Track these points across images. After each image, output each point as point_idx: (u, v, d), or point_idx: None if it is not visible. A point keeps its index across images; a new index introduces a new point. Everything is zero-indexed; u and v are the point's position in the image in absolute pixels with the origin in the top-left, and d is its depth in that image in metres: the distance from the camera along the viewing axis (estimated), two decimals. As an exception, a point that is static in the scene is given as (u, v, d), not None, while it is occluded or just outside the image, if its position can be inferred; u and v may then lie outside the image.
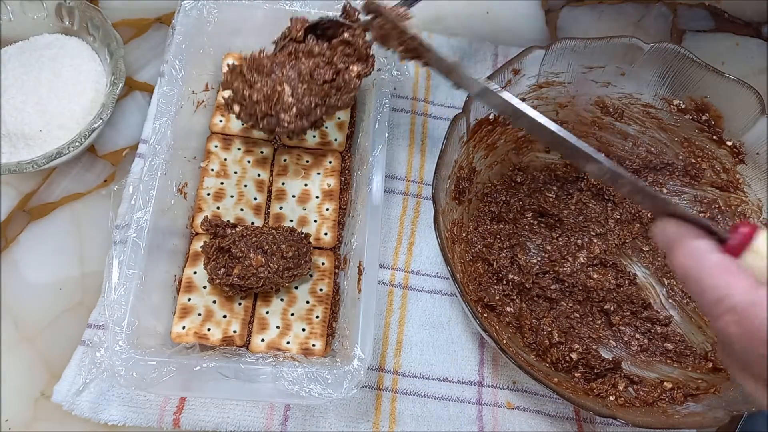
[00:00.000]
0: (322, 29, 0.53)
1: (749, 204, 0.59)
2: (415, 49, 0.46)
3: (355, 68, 0.52)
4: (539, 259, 0.60)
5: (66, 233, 0.60)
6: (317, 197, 0.59)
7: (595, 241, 0.61)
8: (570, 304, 0.59)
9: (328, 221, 0.58)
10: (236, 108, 0.52)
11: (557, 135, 0.38)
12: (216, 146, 0.60)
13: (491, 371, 0.57)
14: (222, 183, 0.59)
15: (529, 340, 0.55)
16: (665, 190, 0.63)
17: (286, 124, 0.50)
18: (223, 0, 0.59)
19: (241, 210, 0.58)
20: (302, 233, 0.55)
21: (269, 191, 0.60)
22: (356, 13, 0.53)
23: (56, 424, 0.52)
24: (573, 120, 0.63)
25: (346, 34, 0.51)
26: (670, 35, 0.77)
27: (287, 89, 0.49)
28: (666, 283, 0.60)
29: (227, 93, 0.53)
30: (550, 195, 0.63)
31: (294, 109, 0.49)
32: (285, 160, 0.61)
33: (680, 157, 0.62)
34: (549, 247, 0.61)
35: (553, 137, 0.38)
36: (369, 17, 0.50)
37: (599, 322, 0.58)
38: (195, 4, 0.58)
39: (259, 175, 0.60)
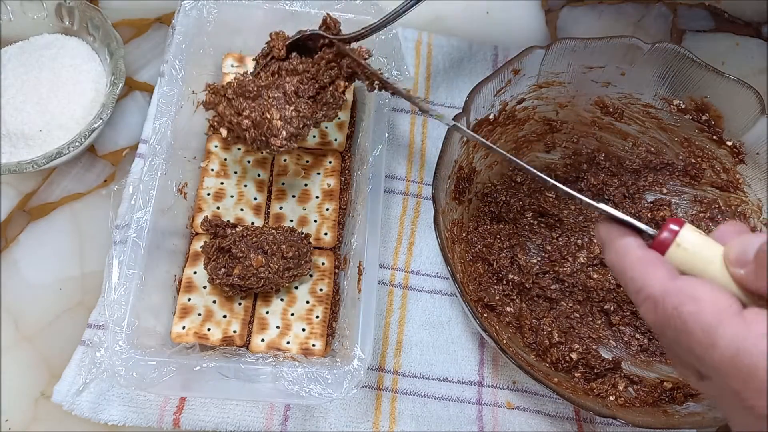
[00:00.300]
0: (303, 42, 0.52)
1: (749, 204, 0.59)
2: (379, 82, 0.51)
3: (341, 83, 0.52)
4: (539, 259, 0.60)
5: (66, 233, 0.60)
6: (317, 197, 0.59)
7: (595, 241, 0.61)
8: (570, 304, 0.59)
9: (328, 221, 0.58)
10: (224, 132, 0.52)
11: (511, 159, 0.43)
12: (216, 146, 0.60)
13: (491, 371, 0.57)
14: (222, 183, 0.59)
15: (529, 340, 0.55)
16: (665, 190, 0.63)
17: (275, 148, 0.50)
18: (223, 0, 0.59)
19: (241, 210, 0.58)
20: (302, 233, 0.55)
21: (269, 191, 0.60)
22: (337, 25, 0.52)
23: (56, 424, 0.52)
24: (573, 120, 0.63)
25: (329, 54, 0.51)
26: (670, 35, 0.77)
27: (276, 114, 0.49)
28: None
29: (210, 113, 0.53)
30: (550, 195, 0.63)
31: (284, 132, 0.49)
32: (285, 160, 0.61)
33: (680, 157, 0.62)
34: (549, 247, 0.61)
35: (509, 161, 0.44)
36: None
37: (599, 322, 0.58)
38: (195, 4, 0.58)
39: (259, 175, 0.60)
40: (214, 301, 0.54)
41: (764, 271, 0.28)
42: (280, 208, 0.59)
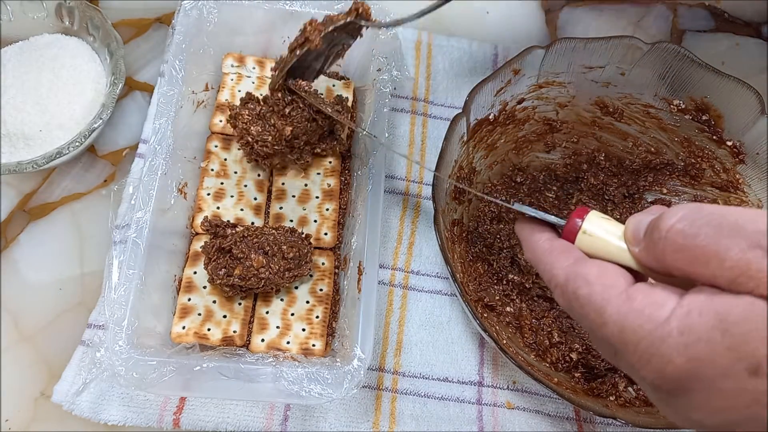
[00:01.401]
0: (338, 31, 0.52)
1: (749, 204, 0.59)
2: (329, 115, 0.54)
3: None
4: (539, 259, 0.60)
5: (66, 233, 0.60)
6: (317, 197, 0.59)
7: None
8: (570, 304, 0.58)
9: (328, 221, 0.58)
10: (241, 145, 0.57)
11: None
12: (216, 146, 0.60)
13: (491, 371, 0.57)
14: (222, 183, 0.59)
15: (529, 340, 0.55)
16: (665, 190, 0.63)
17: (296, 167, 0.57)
18: (223, 0, 0.59)
19: (241, 210, 0.58)
20: (303, 234, 0.55)
21: (269, 191, 0.60)
22: (369, 11, 0.51)
23: (56, 424, 0.52)
24: (573, 120, 0.63)
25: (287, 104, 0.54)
26: (670, 35, 0.77)
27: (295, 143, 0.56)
28: (666, 283, 0.60)
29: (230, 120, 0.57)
30: (550, 195, 0.63)
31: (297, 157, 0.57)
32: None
33: (680, 157, 0.62)
34: (549, 247, 0.61)
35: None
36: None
37: (599, 322, 0.58)
38: (195, 4, 0.58)
39: (259, 175, 0.60)
40: (214, 301, 0.54)
41: (653, 247, 0.29)
42: (280, 208, 0.59)
